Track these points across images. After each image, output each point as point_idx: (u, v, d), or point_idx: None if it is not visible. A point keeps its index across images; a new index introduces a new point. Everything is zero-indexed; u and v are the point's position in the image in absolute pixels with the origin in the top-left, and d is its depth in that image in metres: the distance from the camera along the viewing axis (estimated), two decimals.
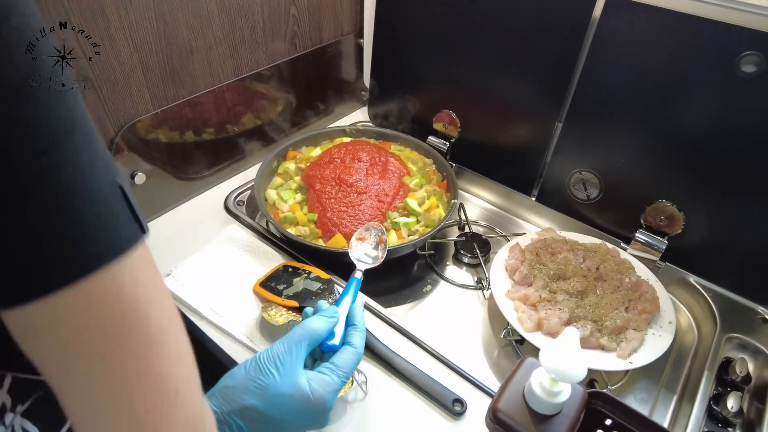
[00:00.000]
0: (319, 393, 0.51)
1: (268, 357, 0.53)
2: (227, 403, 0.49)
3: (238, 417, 0.48)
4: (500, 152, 1.06)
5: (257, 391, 0.50)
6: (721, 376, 0.77)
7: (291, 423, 0.51)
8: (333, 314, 0.59)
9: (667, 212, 0.88)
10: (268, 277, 0.81)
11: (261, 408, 0.49)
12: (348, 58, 1.23)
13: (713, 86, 0.77)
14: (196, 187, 1.02)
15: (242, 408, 0.49)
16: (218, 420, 0.48)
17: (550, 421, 0.51)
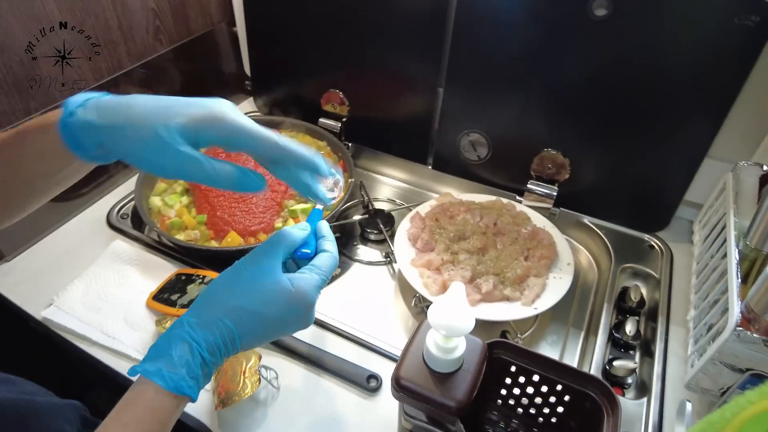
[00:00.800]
0: (301, 287, 0.49)
1: (246, 260, 0.50)
2: (213, 306, 0.47)
3: (226, 317, 0.46)
4: (392, 125, 1.05)
5: (241, 289, 0.48)
6: (619, 305, 0.82)
7: (277, 320, 0.49)
8: (304, 227, 0.56)
9: (553, 160, 0.91)
10: (161, 289, 0.76)
11: (247, 305, 0.47)
12: (224, 49, 1.17)
13: (574, 33, 0.80)
14: (75, 207, 0.94)
15: (228, 309, 0.47)
16: (203, 323, 0.46)
17: (452, 378, 0.51)
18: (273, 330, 0.50)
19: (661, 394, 0.67)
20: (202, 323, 0.46)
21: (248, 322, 0.47)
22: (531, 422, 0.61)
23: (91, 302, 0.73)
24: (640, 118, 0.83)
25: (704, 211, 0.86)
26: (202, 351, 0.45)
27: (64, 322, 0.71)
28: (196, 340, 0.45)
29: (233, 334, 0.46)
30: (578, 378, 0.54)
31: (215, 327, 0.46)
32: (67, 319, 0.71)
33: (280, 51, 1.09)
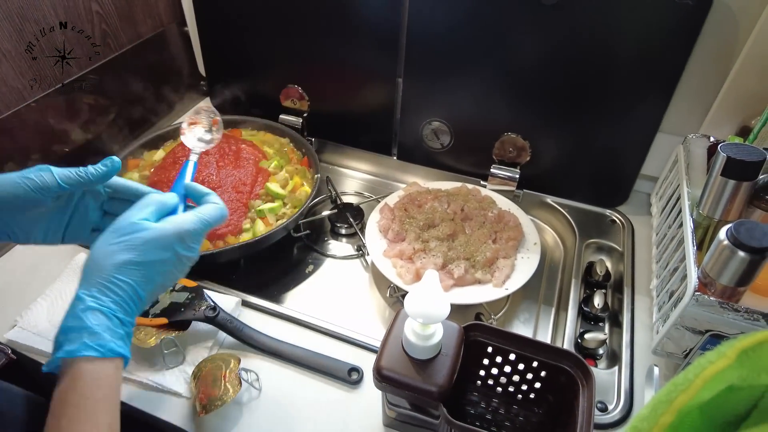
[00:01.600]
0: (170, 222, 0.51)
1: (116, 223, 0.50)
2: (101, 271, 0.47)
3: (118, 274, 0.47)
4: (355, 118, 1.05)
5: (118, 246, 0.48)
6: (586, 279, 0.84)
7: (163, 261, 0.49)
8: (173, 197, 0.56)
9: (514, 143, 0.93)
10: None
11: (129, 257, 0.47)
12: (176, 50, 1.14)
13: (525, 19, 0.82)
14: None
15: (115, 266, 0.47)
16: (101, 288, 0.46)
17: (431, 364, 0.52)
18: (165, 270, 0.50)
19: (630, 361, 0.70)
20: (100, 289, 0.46)
21: (138, 271, 0.48)
22: (510, 400, 0.63)
23: (59, 319, 0.70)
24: (593, 98, 0.86)
25: (659, 183, 0.90)
26: (115, 312, 0.46)
27: (31, 342, 0.69)
28: (104, 305, 0.45)
29: (132, 287, 0.47)
30: (552, 353, 0.56)
31: (113, 286, 0.46)
32: (34, 339, 0.69)
33: (234, 48, 1.07)
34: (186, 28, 1.12)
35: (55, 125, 0.92)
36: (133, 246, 0.48)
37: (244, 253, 0.86)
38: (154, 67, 1.10)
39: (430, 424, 0.59)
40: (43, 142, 0.90)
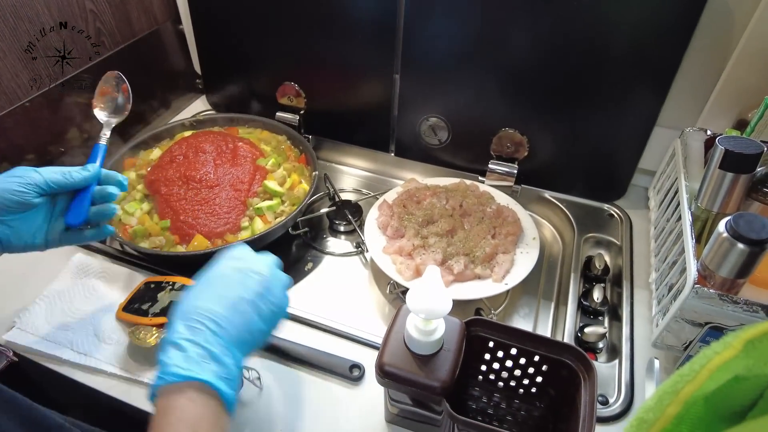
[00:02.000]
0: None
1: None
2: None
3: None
4: (352, 115, 1.05)
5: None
6: (585, 273, 0.85)
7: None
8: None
9: (511, 139, 0.93)
10: (130, 299, 0.74)
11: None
12: (171, 48, 1.13)
13: (521, 13, 0.82)
14: None
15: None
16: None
17: (434, 359, 0.52)
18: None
19: (630, 354, 0.70)
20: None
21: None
22: (512, 394, 0.63)
23: (57, 320, 0.71)
24: (590, 92, 0.86)
25: (657, 177, 0.90)
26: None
27: (30, 343, 0.68)
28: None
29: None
30: (554, 347, 0.56)
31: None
32: (33, 340, 0.68)
33: (229, 46, 1.07)
34: (181, 26, 1.12)
35: (50, 125, 0.91)
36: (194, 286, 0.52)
37: None
38: (150, 66, 1.09)
39: (432, 419, 0.59)
40: (39, 142, 0.89)
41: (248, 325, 0.50)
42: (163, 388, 0.44)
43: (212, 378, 0.44)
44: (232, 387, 0.46)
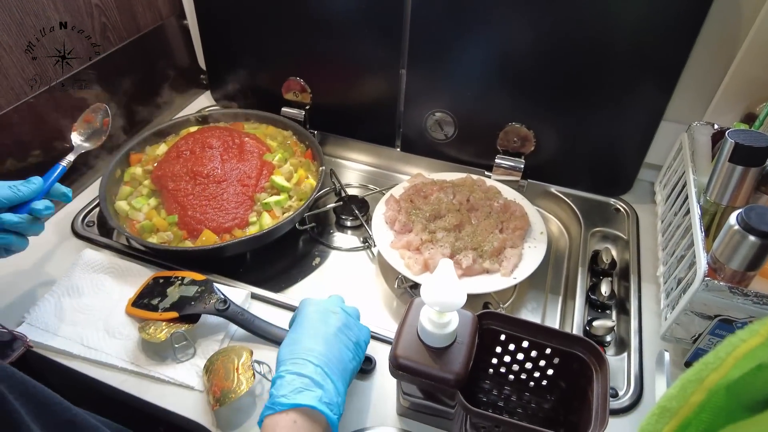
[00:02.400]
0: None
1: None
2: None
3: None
4: (357, 111, 1.05)
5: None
6: (593, 268, 0.85)
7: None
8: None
9: (518, 133, 0.93)
10: (139, 294, 0.74)
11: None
12: (175, 43, 1.13)
13: (526, 7, 0.81)
14: None
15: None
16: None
17: (447, 351, 0.52)
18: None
19: (639, 347, 0.71)
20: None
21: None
22: (523, 387, 0.64)
23: (67, 315, 0.71)
24: (597, 86, 0.86)
25: (663, 171, 0.91)
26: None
27: (40, 338, 0.68)
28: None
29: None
30: (565, 340, 0.56)
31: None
32: (43, 336, 0.68)
33: (234, 41, 1.06)
34: (185, 21, 1.11)
35: (54, 121, 0.91)
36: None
37: (251, 246, 0.86)
38: (154, 61, 1.09)
39: (444, 412, 0.59)
40: (43, 138, 0.89)
41: (340, 354, 0.56)
42: (270, 417, 0.49)
43: (315, 402, 0.50)
44: (334, 412, 0.51)
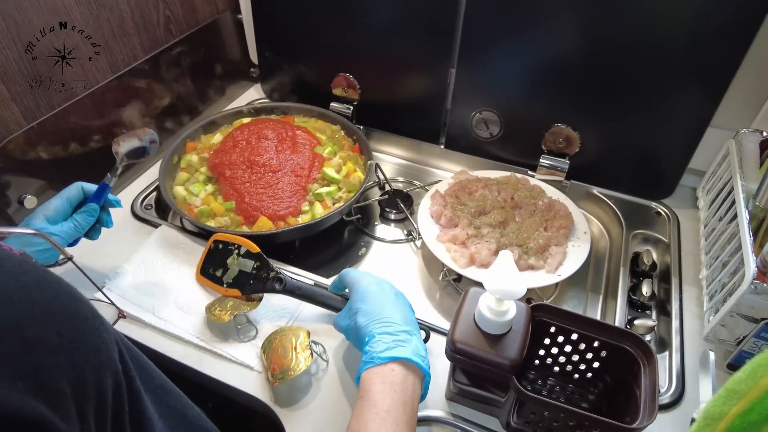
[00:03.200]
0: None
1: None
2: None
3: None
4: (404, 107, 1.08)
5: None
6: (633, 269, 0.87)
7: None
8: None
9: (564, 134, 0.95)
10: (204, 260, 0.76)
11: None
12: (229, 37, 1.17)
13: (580, 9, 0.83)
14: None
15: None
16: None
17: (504, 339, 0.55)
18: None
19: (681, 347, 0.72)
20: None
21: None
22: (567, 379, 0.66)
23: (142, 286, 0.75)
24: (645, 90, 0.87)
25: (707, 177, 0.92)
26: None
27: (119, 305, 0.73)
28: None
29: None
30: (615, 334, 0.59)
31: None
32: (120, 302, 0.73)
33: (286, 36, 1.10)
34: (240, 16, 1.16)
35: (115, 108, 0.95)
36: (351, 313, 0.64)
37: (303, 234, 0.89)
38: (209, 53, 1.13)
39: (491, 400, 0.62)
40: (104, 124, 0.93)
41: (410, 315, 0.64)
42: (369, 370, 0.55)
43: (409, 354, 0.56)
44: (425, 362, 0.57)
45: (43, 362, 0.29)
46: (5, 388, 0.27)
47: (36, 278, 0.31)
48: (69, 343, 0.31)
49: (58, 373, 0.30)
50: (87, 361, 0.32)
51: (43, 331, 0.30)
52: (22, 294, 0.30)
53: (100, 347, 0.34)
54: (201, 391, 0.71)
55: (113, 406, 0.36)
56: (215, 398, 0.71)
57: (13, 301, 0.29)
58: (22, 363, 0.28)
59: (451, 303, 0.84)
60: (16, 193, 0.80)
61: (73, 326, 0.32)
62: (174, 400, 0.49)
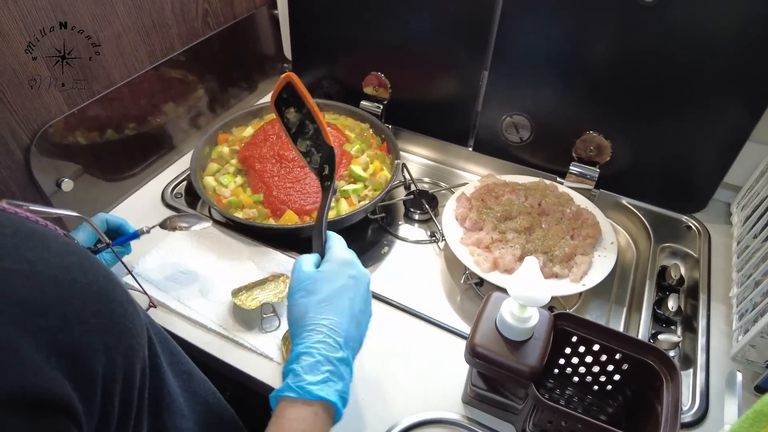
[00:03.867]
0: (332, 257, 0.57)
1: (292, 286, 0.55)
2: (298, 322, 0.51)
3: (317, 314, 0.51)
4: (433, 108, 1.08)
5: (303, 295, 0.53)
6: (660, 282, 0.85)
7: (343, 288, 0.53)
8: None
9: (595, 142, 0.94)
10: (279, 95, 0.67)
11: (320, 297, 0.53)
12: (265, 31, 1.19)
13: (619, 17, 0.82)
14: (129, 186, 0.97)
15: (311, 310, 0.52)
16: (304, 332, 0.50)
17: (524, 345, 0.55)
18: (348, 296, 0.53)
19: (706, 365, 0.71)
20: (304, 335, 0.50)
21: (327, 305, 0.52)
22: (586, 390, 0.65)
23: (168, 272, 0.77)
24: (682, 101, 0.85)
25: (743, 193, 0.89)
26: (320, 351, 0.49)
27: (145, 289, 0.75)
28: (309, 346, 0.49)
29: (329, 321, 0.51)
30: (638, 348, 0.58)
31: (314, 326, 0.50)
32: (148, 288, 0.74)
33: (320, 33, 1.11)
34: (276, 11, 1.17)
35: (151, 97, 0.98)
36: (312, 290, 0.52)
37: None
38: (244, 47, 1.15)
39: (508, 406, 0.62)
40: (139, 113, 0.95)
41: (358, 332, 0.53)
42: (291, 403, 0.46)
43: (336, 398, 0.47)
44: (345, 404, 0.49)
45: (79, 340, 0.30)
46: (42, 360, 0.28)
47: (79, 259, 0.33)
48: (104, 325, 0.32)
49: (91, 353, 0.31)
50: (119, 344, 0.33)
51: (82, 311, 0.31)
52: (66, 273, 0.31)
53: (131, 332, 0.35)
54: (220, 378, 0.72)
55: (139, 390, 0.36)
56: (234, 386, 0.72)
57: (58, 280, 0.30)
58: (60, 339, 0.29)
59: (471, 306, 0.84)
60: (55, 177, 0.83)
61: (109, 308, 0.33)
62: (199, 387, 0.50)
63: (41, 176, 0.80)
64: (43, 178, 0.81)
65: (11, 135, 0.75)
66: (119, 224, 0.77)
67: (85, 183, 0.87)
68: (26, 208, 0.38)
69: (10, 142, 0.76)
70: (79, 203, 0.87)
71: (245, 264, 0.81)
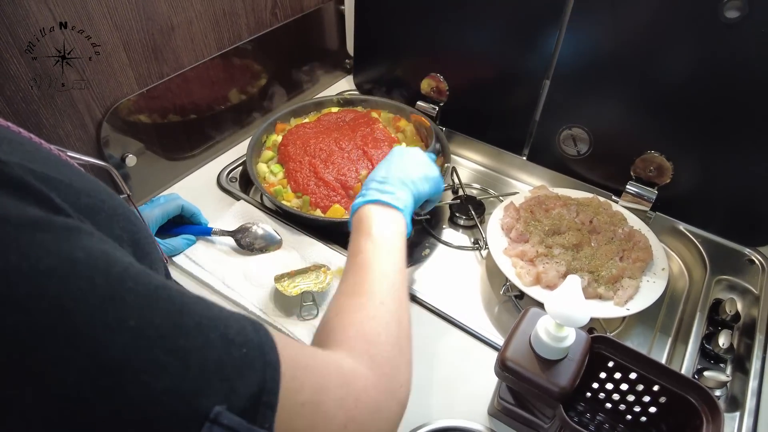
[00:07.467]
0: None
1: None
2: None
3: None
4: (490, 114, 1.06)
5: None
6: (712, 316, 0.80)
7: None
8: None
9: (656, 163, 0.90)
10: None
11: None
12: (330, 26, 1.21)
13: (697, 34, 0.78)
14: (188, 167, 1.02)
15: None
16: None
17: (557, 365, 0.53)
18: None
19: (755, 411, 0.67)
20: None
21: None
22: (618, 418, 0.63)
23: (215, 255, 0.80)
24: (755, 126, 0.80)
25: None
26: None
27: (191, 269, 0.78)
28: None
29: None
30: (678, 382, 0.55)
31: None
32: (194, 268, 0.78)
33: (384, 32, 1.12)
34: (342, 7, 1.19)
35: (216, 83, 1.01)
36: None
37: None
38: (309, 41, 1.18)
39: (534, 423, 0.60)
40: (202, 98, 0.99)
41: (401, 173, 0.70)
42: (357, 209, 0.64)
43: (387, 198, 0.64)
44: (403, 206, 0.64)
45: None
46: None
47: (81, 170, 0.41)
48: (101, 202, 0.37)
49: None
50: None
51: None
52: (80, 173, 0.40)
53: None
54: None
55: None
56: None
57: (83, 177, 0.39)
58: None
59: (508, 319, 0.83)
60: (121, 152, 0.88)
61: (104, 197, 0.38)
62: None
63: (108, 150, 0.85)
64: (111, 152, 0.86)
65: (87, 110, 0.80)
66: (193, 212, 0.83)
67: (147, 160, 0.92)
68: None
69: (85, 117, 0.81)
70: (140, 179, 0.92)
71: (290, 252, 0.83)
